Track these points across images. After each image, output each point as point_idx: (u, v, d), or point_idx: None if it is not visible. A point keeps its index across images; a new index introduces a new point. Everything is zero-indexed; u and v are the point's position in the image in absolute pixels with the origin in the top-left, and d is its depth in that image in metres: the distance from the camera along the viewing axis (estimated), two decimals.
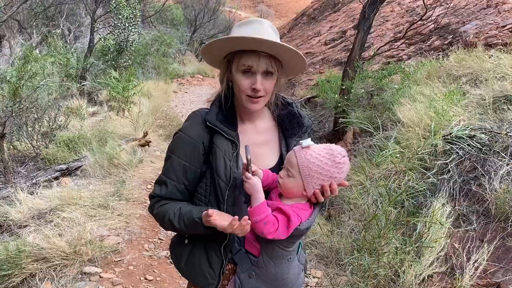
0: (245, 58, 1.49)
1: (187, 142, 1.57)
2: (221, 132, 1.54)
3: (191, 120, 1.62)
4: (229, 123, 1.57)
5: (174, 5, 28.84)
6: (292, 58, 1.55)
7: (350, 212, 4.21)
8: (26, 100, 6.78)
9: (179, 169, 1.58)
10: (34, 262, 3.52)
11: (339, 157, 1.43)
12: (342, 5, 21.75)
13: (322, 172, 1.41)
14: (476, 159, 3.77)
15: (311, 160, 1.41)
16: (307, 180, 1.42)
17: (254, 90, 1.50)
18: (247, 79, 1.51)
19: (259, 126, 1.68)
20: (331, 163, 1.42)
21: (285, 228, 1.41)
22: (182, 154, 1.57)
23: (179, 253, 1.68)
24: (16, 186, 5.13)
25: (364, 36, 6.25)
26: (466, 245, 3.12)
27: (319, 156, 1.42)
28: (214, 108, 1.60)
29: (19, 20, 14.64)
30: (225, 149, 1.54)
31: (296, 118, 1.70)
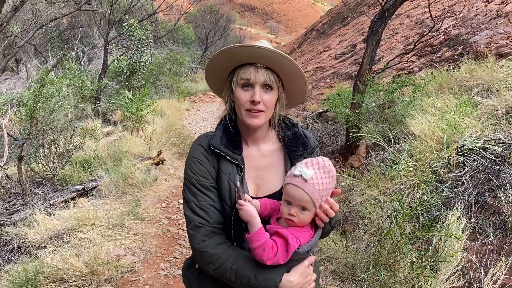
0: (243, 71, 1.51)
1: (199, 164, 1.57)
2: (225, 156, 1.55)
3: (198, 144, 1.62)
4: (234, 146, 1.58)
5: (185, 25, 29.33)
6: (291, 71, 1.55)
7: (364, 227, 4.18)
8: (42, 122, 6.93)
9: (205, 188, 1.56)
10: (52, 283, 3.57)
11: (332, 169, 1.43)
12: (351, 19, 21.88)
13: (327, 191, 1.43)
14: (491, 170, 3.74)
15: (321, 189, 1.41)
16: (319, 204, 1.43)
17: (253, 102, 1.50)
18: (246, 92, 1.52)
19: (263, 149, 1.68)
20: (330, 179, 1.43)
21: (284, 252, 1.40)
22: (201, 176, 1.56)
23: (192, 277, 1.68)
24: (33, 207, 5.22)
25: (373, 50, 6.28)
26: (483, 258, 3.08)
27: (321, 180, 1.41)
28: (218, 132, 1.62)
29: (35, 44, 15.05)
30: (230, 173, 1.55)
31: (301, 139, 1.69)
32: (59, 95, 9.85)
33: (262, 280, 1.42)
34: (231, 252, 1.48)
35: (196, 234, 1.50)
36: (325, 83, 12.17)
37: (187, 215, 1.54)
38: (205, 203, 1.54)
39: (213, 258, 1.46)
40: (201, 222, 1.51)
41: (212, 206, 1.54)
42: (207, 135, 1.64)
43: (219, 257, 1.46)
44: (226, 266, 1.45)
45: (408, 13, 14.80)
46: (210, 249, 1.47)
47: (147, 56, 13.50)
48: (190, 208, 1.54)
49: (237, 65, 1.55)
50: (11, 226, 4.85)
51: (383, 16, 6.02)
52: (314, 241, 1.48)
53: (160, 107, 12.51)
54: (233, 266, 1.45)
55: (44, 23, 10.38)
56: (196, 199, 1.54)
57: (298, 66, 1.55)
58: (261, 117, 1.55)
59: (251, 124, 1.55)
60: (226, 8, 49.50)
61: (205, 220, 1.51)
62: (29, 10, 13.94)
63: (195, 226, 1.51)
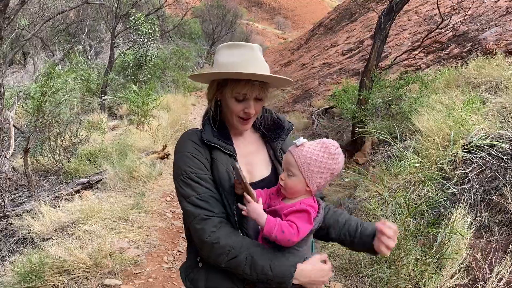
0: (240, 87, 1.56)
1: (194, 158, 1.58)
2: (219, 148, 1.59)
3: (187, 139, 1.64)
4: (226, 138, 1.63)
5: (192, 20, 29.31)
6: (281, 82, 1.68)
7: None
8: (49, 115, 6.97)
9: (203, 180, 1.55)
10: (56, 274, 3.59)
11: (333, 148, 1.48)
12: (359, 15, 21.75)
13: (321, 165, 1.46)
14: (497, 168, 3.70)
15: (308, 156, 1.46)
16: (308, 175, 1.46)
17: (247, 113, 1.60)
18: (239, 104, 1.59)
19: (247, 138, 1.76)
20: (327, 155, 1.47)
21: (306, 223, 1.43)
22: (198, 169, 1.56)
23: (196, 277, 1.62)
24: (39, 199, 5.25)
25: (380, 46, 6.23)
26: (488, 256, 3.05)
27: (314, 151, 1.47)
28: (208, 126, 1.65)
29: (42, 37, 15.10)
30: (226, 163, 1.58)
31: (276, 122, 1.79)
32: (65, 89, 9.89)
33: (277, 270, 1.43)
34: (244, 242, 1.47)
35: (204, 227, 1.48)
36: (331, 79, 12.12)
37: (189, 211, 1.51)
38: (206, 195, 1.52)
39: (225, 249, 1.44)
40: (207, 214, 1.49)
41: (213, 197, 1.53)
42: (195, 130, 1.68)
43: (231, 247, 1.44)
44: (240, 257, 1.44)
45: (416, 10, 14.69)
46: (221, 240, 1.45)
47: (153, 51, 13.52)
48: (191, 203, 1.52)
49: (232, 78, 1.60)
50: (17, 218, 4.88)
51: (391, 11, 5.97)
52: (322, 215, 1.54)
53: (166, 102, 12.53)
54: (247, 257, 1.44)
55: (51, 16, 10.41)
56: (196, 192, 1.52)
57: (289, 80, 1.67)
58: (251, 122, 1.66)
59: (244, 130, 1.67)
60: (233, 3, 49.38)
61: (210, 211, 1.50)
62: (37, 3, 13.98)
63: (201, 219, 1.48)
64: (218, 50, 1.64)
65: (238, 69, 1.52)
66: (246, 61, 1.55)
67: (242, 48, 1.59)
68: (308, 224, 1.43)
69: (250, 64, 1.55)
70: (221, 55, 1.61)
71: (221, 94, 1.64)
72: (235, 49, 1.59)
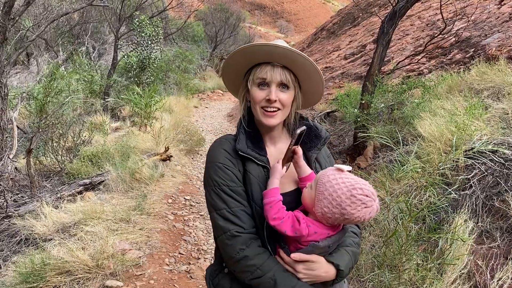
0: (260, 70, 1.52)
1: (226, 169, 1.54)
2: (253, 159, 1.54)
3: (221, 148, 1.59)
4: (259, 148, 1.57)
5: (195, 22, 29.39)
6: (307, 69, 1.55)
7: (370, 228, 4.17)
8: (52, 116, 6.99)
9: (235, 193, 1.52)
10: (58, 275, 3.60)
11: (359, 191, 1.35)
12: (361, 19, 21.78)
13: (335, 198, 1.36)
14: (499, 174, 3.71)
15: (330, 181, 1.38)
16: (318, 197, 1.40)
17: (269, 101, 1.51)
18: (262, 91, 1.53)
19: (281, 148, 1.67)
20: (347, 193, 1.35)
21: (290, 226, 1.41)
22: (230, 181, 1.52)
23: (221, 283, 1.62)
24: (41, 200, 5.27)
25: (383, 51, 6.24)
26: (490, 262, 3.05)
27: (340, 181, 1.37)
28: (242, 135, 1.59)
29: (46, 38, 15.16)
30: (259, 175, 1.54)
31: (313, 131, 1.71)
32: (68, 90, 9.93)
33: None
34: (271, 264, 1.46)
35: (234, 244, 1.46)
36: (334, 83, 12.13)
37: (219, 225, 1.49)
38: (237, 209, 1.50)
39: (252, 268, 1.45)
40: (237, 231, 1.47)
41: (244, 211, 1.51)
42: (228, 139, 1.62)
43: (258, 268, 1.44)
44: (264, 278, 1.44)
45: (419, 15, 14.70)
46: (249, 259, 1.45)
47: (156, 53, 13.55)
48: (222, 216, 1.49)
49: (253, 64, 1.56)
50: (19, 218, 4.90)
51: (394, 16, 5.98)
52: (336, 239, 1.48)
53: (169, 104, 12.55)
54: (271, 281, 1.44)
55: (56, 18, 10.46)
56: (228, 205, 1.49)
57: (314, 64, 1.54)
58: (277, 116, 1.56)
59: (268, 124, 1.56)
60: (236, 6, 49.46)
61: (241, 227, 1.48)
62: (41, 4, 14.05)
63: (231, 235, 1.46)
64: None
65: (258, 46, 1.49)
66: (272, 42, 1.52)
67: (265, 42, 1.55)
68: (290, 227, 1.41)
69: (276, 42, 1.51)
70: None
71: (248, 91, 1.59)
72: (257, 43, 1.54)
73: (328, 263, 1.48)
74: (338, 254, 1.52)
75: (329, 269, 1.48)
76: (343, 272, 1.50)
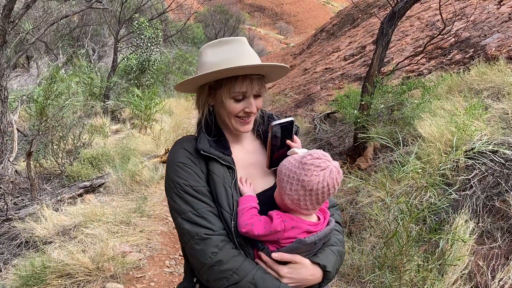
0: (239, 85, 1.41)
1: (187, 168, 1.43)
2: (216, 159, 1.43)
3: (180, 147, 1.48)
4: (223, 148, 1.47)
5: (195, 24, 29.46)
6: (278, 72, 1.52)
7: (371, 229, 4.16)
8: (52, 119, 7.00)
9: (200, 193, 1.40)
10: (58, 278, 3.60)
11: (308, 158, 1.29)
12: (361, 20, 21.81)
13: (292, 176, 1.30)
14: (500, 174, 3.70)
15: (284, 164, 1.33)
16: (280, 185, 1.33)
17: (249, 113, 1.46)
18: (239, 103, 1.44)
19: (247, 147, 1.60)
20: (297, 164, 1.29)
21: (262, 227, 1.32)
22: (193, 180, 1.41)
23: None
24: (41, 203, 5.27)
25: (383, 52, 6.25)
26: (491, 262, 3.05)
27: (291, 159, 1.33)
28: (203, 135, 1.49)
29: (46, 41, 15.18)
30: (224, 176, 1.43)
31: None
32: (68, 92, 9.94)
33: None
34: (247, 266, 1.34)
35: (204, 247, 1.32)
36: (333, 84, 12.13)
37: (185, 229, 1.36)
38: (203, 210, 1.37)
39: (227, 274, 1.31)
40: (206, 233, 1.33)
41: (211, 212, 1.38)
42: (189, 138, 1.52)
43: (234, 272, 1.31)
44: (242, 283, 1.31)
45: (418, 15, 14.72)
46: (223, 264, 1.32)
47: (156, 55, 13.58)
48: (188, 219, 1.36)
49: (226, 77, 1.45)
50: (19, 221, 4.90)
51: (393, 17, 5.98)
52: (323, 235, 1.38)
53: (169, 106, 12.57)
54: (251, 286, 1.31)
55: (55, 21, 10.45)
56: (193, 207, 1.37)
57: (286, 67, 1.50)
58: (252, 121, 1.51)
59: (245, 131, 1.50)
60: (236, 8, 49.54)
61: (210, 229, 1.35)
62: (41, 7, 14.08)
63: (200, 239, 1.33)
64: (202, 51, 1.49)
65: (233, 64, 1.37)
66: (239, 55, 1.41)
67: (230, 43, 1.45)
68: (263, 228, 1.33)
69: (244, 58, 1.40)
70: (207, 56, 1.46)
71: (214, 98, 1.49)
72: (223, 46, 1.45)
73: (313, 264, 1.38)
74: (324, 254, 1.42)
75: (315, 271, 1.38)
76: (330, 273, 1.41)
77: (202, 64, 1.46)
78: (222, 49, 1.44)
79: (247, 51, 1.44)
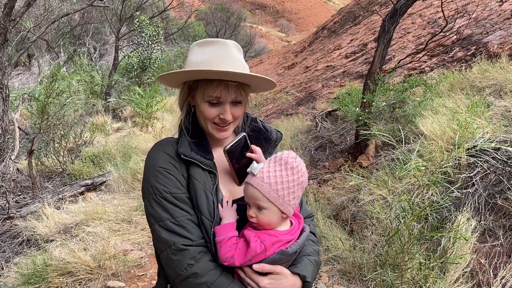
0: (212, 89, 1.35)
1: (168, 174, 1.37)
2: (198, 164, 1.38)
3: (161, 151, 1.42)
4: (205, 152, 1.42)
5: (196, 22, 29.44)
6: (261, 82, 1.44)
7: (372, 227, 4.16)
8: (53, 117, 7.00)
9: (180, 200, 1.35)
10: (60, 276, 3.60)
11: (291, 160, 1.30)
12: (362, 18, 21.76)
13: (289, 185, 1.29)
14: (502, 172, 3.69)
15: (272, 182, 1.28)
16: (280, 202, 1.29)
17: (223, 120, 1.39)
18: (213, 108, 1.38)
19: None
20: (290, 172, 1.29)
21: (242, 255, 1.28)
22: (173, 187, 1.36)
23: None
24: (43, 201, 5.27)
25: (384, 49, 6.22)
26: (493, 260, 3.04)
27: (276, 173, 1.29)
28: (184, 138, 1.44)
29: (47, 39, 15.19)
30: (205, 181, 1.38)
31: (263, 134, 1.58)
32: (69, 91, 9.93)
33: None
34: (226, 282, 1.31)
35: (181, 258, 1.28)
36: (335, 82, 12.11)
37: (163, 238, 1.30)
38: (182, 218, 1.32)
39: (202, 287, 1.28)
40: (184, 243, 1.29)
41: (190, 220, 1.34)
42: (170, 141, 1.47)
43: (209, 285, 1.28)
44: None
45: (420, 13, 14.67)
46: (199, 277, 1.28)
47: (157, 53, 13.58)
48: (165, 227, 1.31)
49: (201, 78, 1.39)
50: (21, 219, 4.90)
51: (395, 14, 5.96)
52: (301, 243, 1.37)
53: (170, 104, 12.55)
54: None
55: (56, 19, 10.46)
56: (171, 215, 1.32)
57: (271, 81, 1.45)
58: (230, 128, 1.45)
59: (221, 137, 1.45)
60: (237, 6, 49.49)
61: (188, 239, 1.30)
62: (42, 5, 14.07)
63: (177, 249, 1.28)
64: (190, 49, 1.44)
65: (207, 67, 1.32)
66: (218, 58, 1.35)
67: (214, 44, 1.39)
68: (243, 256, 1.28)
69: (222, 62, 1.34)
70: (192, 54, 1.41)
71: (193, 98, 1.44)
72: (207, 46, 1.39)
73: (293, 274, 1.36)
74: (302, 264, 1.40)
75: (295, 281, 1.35)
76: (310, 283, 1.39)
77: (187, 61, 1.43)
78: (206, 50, 1.38)
79: (229, 56, 1.38)
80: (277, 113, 11.53)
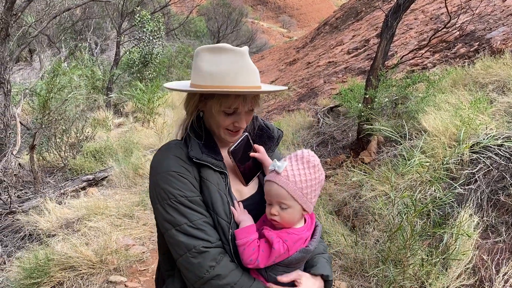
0: (230, 101, 1.35)
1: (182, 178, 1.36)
2: (209, 166, 1.39)
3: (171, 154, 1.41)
4: (215, 153, 1.42)
5: (197, 18, 29.37)
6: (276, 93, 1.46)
7: (374, 223, 4.15)
8: (54, 112, 7.00)
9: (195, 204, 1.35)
10: (62, 271, 3.61)
11: (312, 159, 1.33)
12: (365, 14, 21.68)
13: (312, 184, 1.32)
14: (505, 168, 3.68)
15: (297, 180, 1.30)
16: (304, 200, 1.31)
17: (237, 127, 1.41)
18: (228, 117, 1.39)
19: None
20: (313, 170, 1.32)
21: (266, 257, 1.29)
22: (188, 191, 1.35)
23: None
24: (45, 196, 5.28)
25: (387, 45, 6.20)
26: (495, 257, 3.03)
27: (300, 171, 1.31)
28: (193, 140, 1.43)
29: (49, 34, 15.17)
30: (218, 182, 1.38)
31: (265, 132, 1.60)
32: (71, 86, 9.93)
33: None
34: (248, 281, 1.32)
35: (202, 261, 1.28)
36: (337, 78, 12.08)
37: (181, 242, 1.29)
38: (200, 221, 1.32)
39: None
40: (204, 246, 1.29)
41: (207, 222, 1.34)
42: (177, 144, 1.46)
43: (232, 286, 1.29)
44: None
45: (423, 8, 14.61)
46: (222, 278, 1.28)
47: (158, 48, 13.56)
48: (183, 231, 1.30)
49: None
50: (23, 214, 4.91)
51: (398, 10, 5.93)
52: (318, 237, 1.41)
53: (171, 100, 12.55)
54: None
55: (58, 14, 10.44)
56: (188, 219, 1.31)
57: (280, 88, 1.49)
58: (240, 132, 1.47)
59: (232, 141, 1.46)
60: (238, 1, 49.33)
61: (207, 241, 1.30)
62: (43, 0, 14.04)
63: (198, 252, 1.28)
64: (199, 53, 1.37)
65: (230, 82, 1.31)
66: (238, 71, 1.32)
67: (229, 53, 1.33)
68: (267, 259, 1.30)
69: (241, 75, 1.32)
70: (204, 61, 1.35)
71: (205, 105, 1.43)
72: (222, 54, 1.33)
73: (314, 276, 1.39)
74: (321, 264, 1.43)
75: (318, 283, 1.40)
76: (331, 282, 1.42)
77: (198, 69, 1.37)
78: (221, 59, 1.32)
79: (246, 66, 1.34)
80: (279, 109, 11.51)
